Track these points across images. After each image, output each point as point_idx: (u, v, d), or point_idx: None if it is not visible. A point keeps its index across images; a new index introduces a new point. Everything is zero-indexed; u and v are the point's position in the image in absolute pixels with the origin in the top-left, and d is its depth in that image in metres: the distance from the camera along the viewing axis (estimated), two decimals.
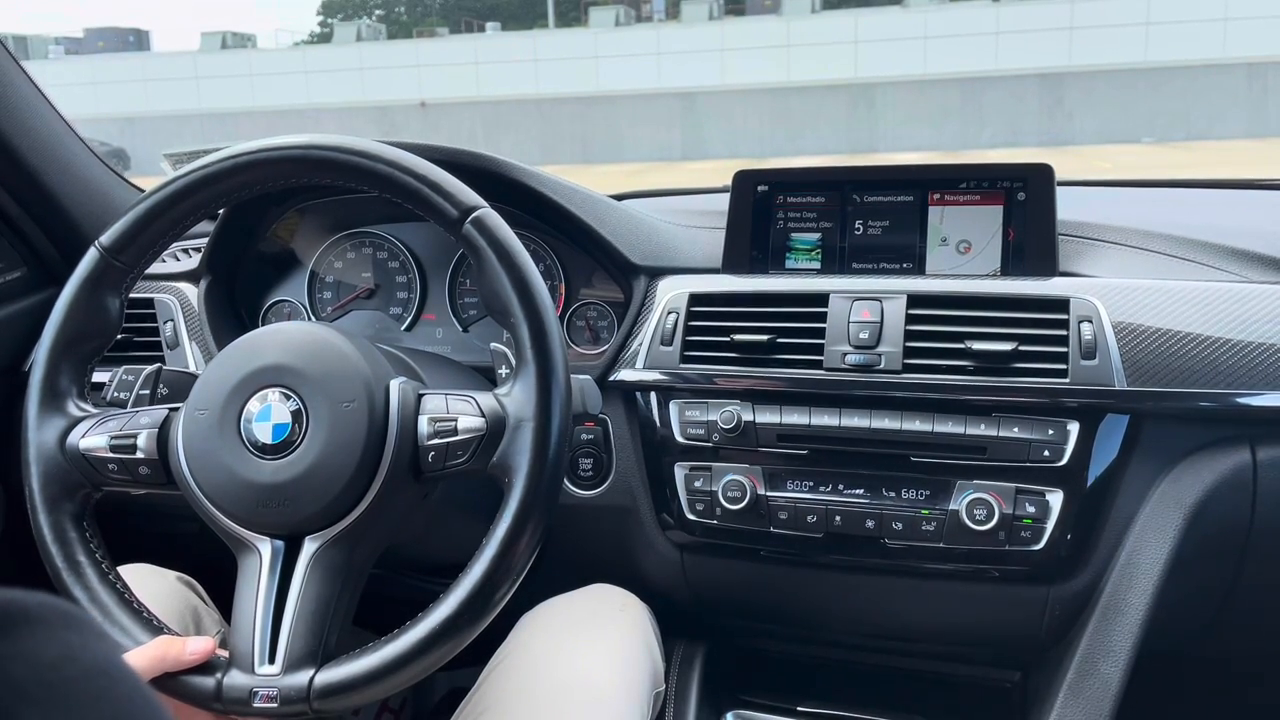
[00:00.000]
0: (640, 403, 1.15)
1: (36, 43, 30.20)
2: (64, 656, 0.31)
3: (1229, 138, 17.55)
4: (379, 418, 0.81)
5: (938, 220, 1.16)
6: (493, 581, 0.78)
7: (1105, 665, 1.00)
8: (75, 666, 0.31)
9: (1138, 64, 18.72)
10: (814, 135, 20.20)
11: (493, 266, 0.82)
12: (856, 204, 1.18)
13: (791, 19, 21.28)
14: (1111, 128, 18.59)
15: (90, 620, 0.33)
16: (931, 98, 19.67)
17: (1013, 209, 1.13)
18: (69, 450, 0.85)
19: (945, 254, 1.15)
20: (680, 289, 1.16)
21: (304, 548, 0.81)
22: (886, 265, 1.17)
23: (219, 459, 0.81)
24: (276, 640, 0.79)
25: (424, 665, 0.77)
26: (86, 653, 0.32)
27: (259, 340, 0.86)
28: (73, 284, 0.88)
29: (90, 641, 0.32)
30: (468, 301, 1.30)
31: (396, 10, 50.16)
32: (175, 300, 1.28)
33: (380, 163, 0.84)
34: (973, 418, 1.03)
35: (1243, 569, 1.05)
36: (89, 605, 0.82)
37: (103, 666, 0.32)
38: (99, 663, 0.32)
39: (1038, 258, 1.12)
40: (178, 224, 0.90)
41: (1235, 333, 1.00)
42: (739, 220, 1.21)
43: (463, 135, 20.56)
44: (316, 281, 1.34)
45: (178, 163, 0.90)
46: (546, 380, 0.80)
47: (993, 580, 1.05)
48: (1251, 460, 1.00)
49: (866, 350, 1.06)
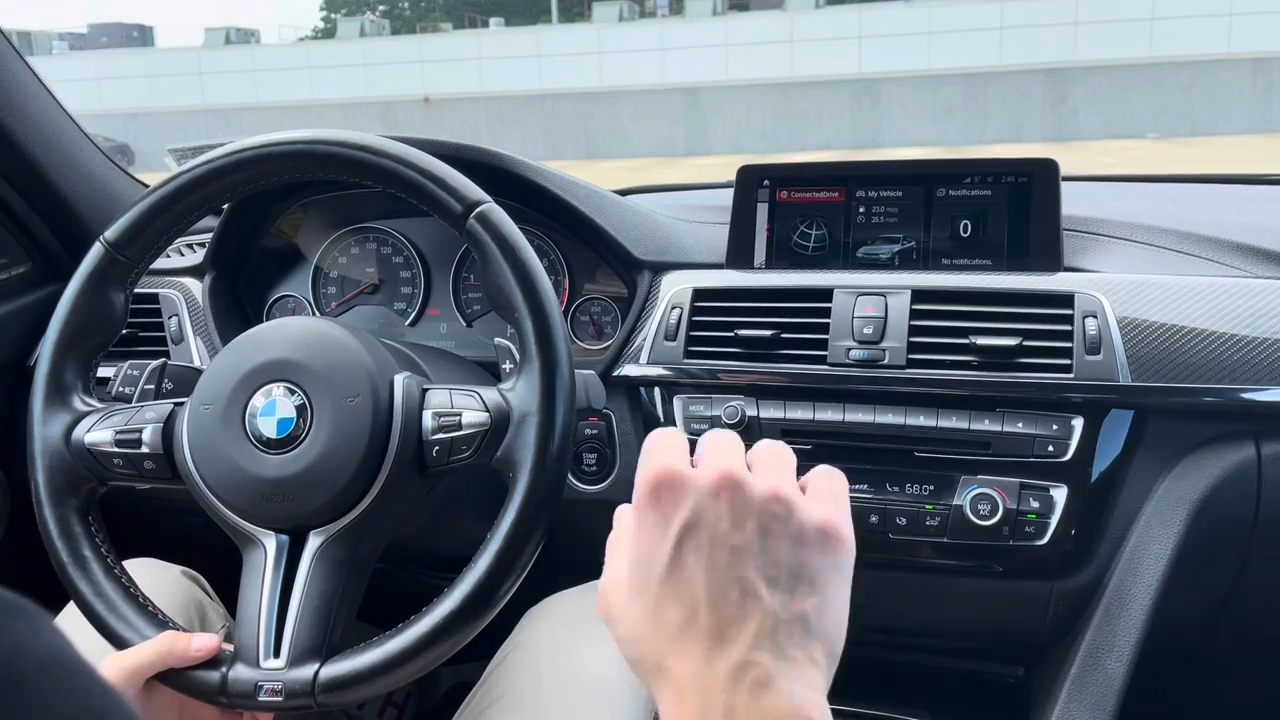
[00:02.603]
0: (644, 398, 1.15)
1: (40, 38, 30.24)
2: (15, 648, 0.30)
3: (1233, 133, 17.51)
4: (383, 412, 0.81)
5: (942, 215, 1.15)
6: (497, 576, 0.78)
7: (1109, 660, 1.00)
8: (30, 659, 0.30)
9: (1142, 59, 18.68)
10: (818, 130, 20.18)
11: (497, 261, 0.82)
12: (860, 199, 1.18)
13: (795, 14, 21.26)
14: (1116, 123, 18.57)
15: (37, 610, 0.32)
16: (935, 93, 19.64)
17: (1017, 204, 1.13)
18: (74, 445, 0.85)
19: (949, 249, 1.15)
20: (684, 284, 1.16)
21: (309, 542, 0.81)
22: (890, 260, 1.17)
23: (224, 453, 0.81)
24: (281, 634, 0.79)
25: (428, 660, 0.77)
26: (38, 643, 0.30)
27: (263, 335, 0.86)
28: (78, 279, 0.88)
29: (41, 631, 0.31)
30: (472, 297, 1.30)
31: (400, 6, 50.16)
32: (180, 295, 1.28)
33: (384, 158, 0.84)
34: (977, 413, 1.03)
35: (1247, 564, 1.05)
36: (94, 599, 0.82)
37: (56, 657, 0.31)
38: (53, 654, 0.31)
39: (1042, 253, 1.12)
40: (182, 219, 0.90)
41: (1240, 328, 1.00)
42: (743, 215, 1.21)
43: (466, 131, 20.56)
44: (320, 277, 1.34)
45: (182, 158, 0.90)
46: (550, 375, 0.80)
47: (996, 575, 1.05)
48: (1256, 455, 1.00)
49: (870, 345, 1.06)
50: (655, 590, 0.47)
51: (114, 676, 0.75)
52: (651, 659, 0.47)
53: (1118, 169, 2.29)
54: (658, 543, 0.48)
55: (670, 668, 0.45)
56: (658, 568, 0.47)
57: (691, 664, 0.45)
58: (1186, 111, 18.47)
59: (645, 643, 0.47)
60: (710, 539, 0.47)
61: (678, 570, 0.47)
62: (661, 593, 0.47)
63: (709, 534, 0.47)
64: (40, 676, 0.30)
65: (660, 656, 0.46)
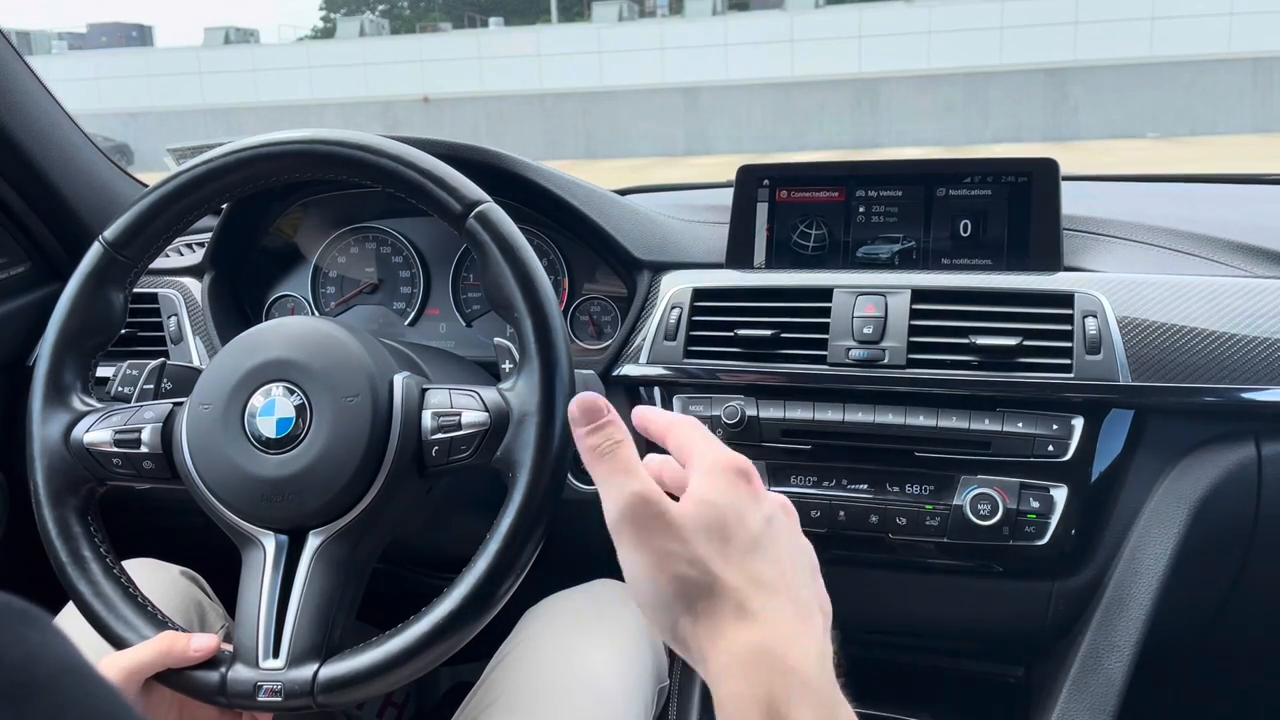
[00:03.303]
0: (644, 398, 1.15)
1: (40, 38, 30.25)
2: (28, 656, 0.30)
3: (1234, 133, 17.51)
4: (383, 412, 0.81)
5: (942, 215, 1.15)
6: (496, 576, 0.77)
7: (1109, 660, 1.00)
8: (42, 666, 0.30)
9: (1142, 59, 18.68)
10: (818, 130, 20.18)
11: (496, 261, 0.82)
12: (860, 199, 1.18)
13: (795, 14, 21.26)
14: (1116, 123, 18.56)
15: (47, 618, 0.32)
16: (936, 93, 19.64)
17: (1017, 204, 1.13)
18: (73, 445, 0.85)
19: (949, 249, 1.15)
20: (684, 284, 1.16)
21: (308, 542, 0.81)
22: (890, 260, 1.17)
23: (223, 453, 0.81)
24: (281, 634, 0.79)
25: (428, 660, 0.77)
26: (51, 651, 0.31)
27: (263, 335, 0.86)
28: (77, 279, 0.88)
29: (52, 640, 0.31)
30: (471, 296, 1.30)
31: (400, 5, 50.15)
32: (179, 295, 1.28)
33: (384, 157, 0.84)
34: (977, 413, 1.03)
35: (1247, 564, 1.05)
36: (93, 600, 0.82)
37: (68, 665, 0.31)
38: (64, 661, 0.31)
39: (1042, 252, 1.11)
40: (181, 219, 0.90)
41: (1240, 327, 1.00)
42: (743, 215, 1.20)
43: (466, 130, 20.56)
44: (320, 276, 1.34)
45: (181, 158, 0.90)
46: (550, 375, 0.80)
47: (997, 575, 1.05)
48: (1256, 455, 1.00)
49: (870, 345, 1.06)
50: (747, 545, 0.54)
51: (113, 677, 0.75)
52: (734, 597, 0.52)
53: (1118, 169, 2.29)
54: (750, 511, 0.55)
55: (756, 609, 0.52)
56: (752, 528, 0.54)
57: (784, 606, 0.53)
58: (1186, 111, 18.47)
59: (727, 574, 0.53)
60: (789, 531, 0.58)
61: (770, 539, 0.55)
62: (755, 550, 0.54)
63: (786, 524, 0.58)
64: (52, 684, 0.30)
65: (744, 597, 0.52)
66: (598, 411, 0.58)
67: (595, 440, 0.57)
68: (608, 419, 0.57)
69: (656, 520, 0.53)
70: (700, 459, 0.57)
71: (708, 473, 0.56)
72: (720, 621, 0.52)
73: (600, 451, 0.56)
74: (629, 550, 0.54)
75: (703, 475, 0.56)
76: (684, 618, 0.52)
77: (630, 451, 0.56)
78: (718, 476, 0.56)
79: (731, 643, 0.51)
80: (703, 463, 0.57)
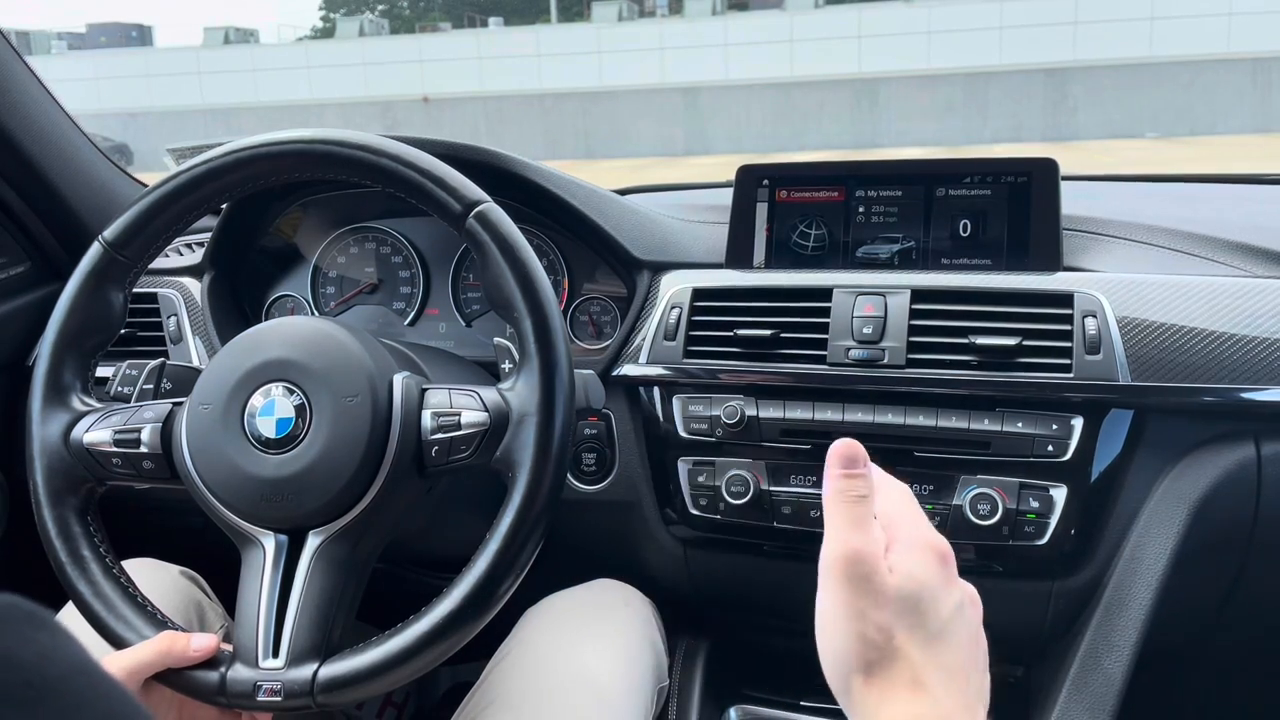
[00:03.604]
0: (643, 398, 1.15)
1: (39, 38, 30.25)
2: (40, 657, 0.30)
3: (1233, 133, 17.51)
4: (382, 412, 0.81)
5: (941, 215, 1.15)
6: (496, 576, 0.78)
7: (1109, 660, 1.00)
8: (54, 668, 0.30)
9: (1142, 59, 18.68)
10: (817, 130, 20.18)
11: (496, 261, 0.82)
12: (860, 199, 1.18)
13: (795, 14, 21.26)
14: (1115, 123, 18.56)
15: (57, 620, 0.32)
16: (935, 93, 19.64)
17: (1017, 204, 1.13)
18: (73, 445, 0.85)
19: (949, 248, 1.15)
20: (683, 284, 1.16)
21: (308, 542, 0.81)
22: (890, 260, 1.17)
23: (223, 453, 0.81)
24: (280, 634, 0.79)
25: (427, 660, 0.77)
26: (61, 653, 0.31)
27: (262, 335, 0.86)
28: (76, 279, 0.88)
29: (61, 642, 0.32)
30: (471, 296, 1.30)
31: (399, 5, 50.16)
32: (179, 295, 1.28)
33: (383, 157, 0.84)
34: (976, 412, 1.03)
35: (1246, 564, 1.05)
36: (93, 599, 0.82)
37: (79, 666, 0.31)
38: (76, 662, 0.31)
39: (1042, 252, 1.11)
40: (181, 218, 0.90)
41: (1240, 327, 1.00)
42: (742, 215, 1.20)
43: (466, 130, 20.55)
44: (319, 276, 1.34)
45: (181, 158, 0.90)
46: (550, 375, 0.80)
47: (996, 575, 1.05)
48: (1256, 455, 1.00)
49: (870, 345, 1.06)
50: (937, 628, 0.56)
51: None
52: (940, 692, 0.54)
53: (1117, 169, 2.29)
54: (944, 597, 0.57)
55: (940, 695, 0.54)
56: (943, 614, 0.56)
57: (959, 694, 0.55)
58: (1186, 111, 18.47)
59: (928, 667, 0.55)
60: (973, 623, 0.60)
61: (956, 626, 0.57)
62: (941, 633, 0.56)
63: (972, 615, 0.60)
64: (63, 685, 0.30)
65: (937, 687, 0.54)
66: (856, 461, 0.61)
67: (844, 485, 0.60)
68: (862, 471, 0.60)
69: (866, 581, 0.55)
70: (908, 532, 0.59)
71: (913, 548, 0.58)
72: (894, 688, 0.54)
73: (845, 497, 0.59)
74: (829, 595, 0.57)
75: (908, 550, 0.58)
76: (858, 675, 0.55)
77: (869, 509, 0.59)
78: (923, 554, 0.58)
79: (901, 710, 0.53)
80: (910, 536, 0.59)
